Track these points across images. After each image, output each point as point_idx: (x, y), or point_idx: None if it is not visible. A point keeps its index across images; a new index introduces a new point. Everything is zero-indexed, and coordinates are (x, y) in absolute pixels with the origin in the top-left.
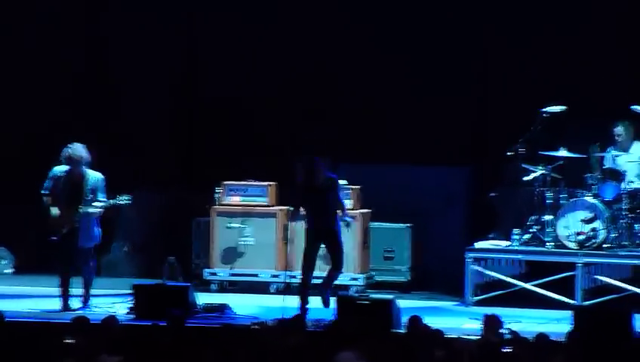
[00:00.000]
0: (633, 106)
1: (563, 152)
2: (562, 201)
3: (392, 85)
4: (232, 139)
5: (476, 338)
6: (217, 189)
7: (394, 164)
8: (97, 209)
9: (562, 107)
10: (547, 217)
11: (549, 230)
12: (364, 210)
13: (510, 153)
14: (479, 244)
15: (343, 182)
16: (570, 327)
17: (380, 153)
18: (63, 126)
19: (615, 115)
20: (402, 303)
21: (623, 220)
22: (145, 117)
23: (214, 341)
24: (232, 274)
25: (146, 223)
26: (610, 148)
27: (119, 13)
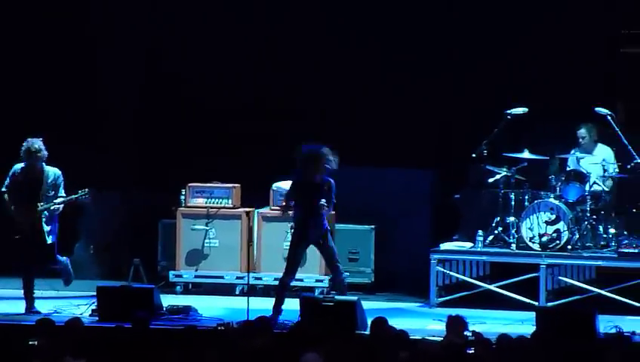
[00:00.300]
0: (597, 108)
1: (526, 154)
2: (526, 203)
3: (357, 87)
4: (198, 140)
5: (440, 339)
6: (182, 191)
7: (358, 165)
8: (58, 205)
9: (525, 109)
10: (511, 219)
11: (513, 231)
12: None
13: (474, 155)
14: (444, 246)
15: None
16: (534, 328)
17: (345, 155)
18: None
19: (579, 116)
20: (367, 304)
21: (586, 222)
22: (110, 117)
23: (179, 343)
24: (197, 276)
25: (111, 225)
26: (574, 149)
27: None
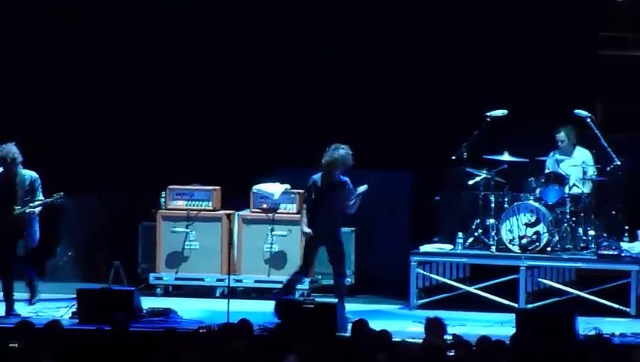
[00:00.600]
0: (576, 110)
1: (506, 156)
2: (506, 205)
3: (335, 89)
4: (178, 142)
5: (420, 341)
6: (163, 193)
7: None
8: (35, 209)
9: (505, 111)
10: (491, 221)
11: (493, 233)
12: None
13: (454, 157)
14: (424, 248)
15: (286, 186)
16: (514, 330)
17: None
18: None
19: (558, 118)
20: (347, 307)
21: (566, 224)
22: (90, 119)
23: (159, 345)
24: (177, 279)
25: (92, 227)
26: (553, 152)
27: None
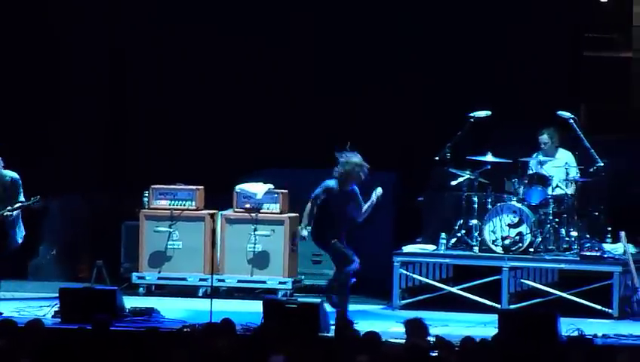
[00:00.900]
0: (560, 112)
1: (490, 157)
2: (489, 206)
3: (318, 88)
4: (161, 142)
5: (403, 341)
6: (145, 193)
7: (321, 168)
8: (10, 212)
9: (489, 112)
10: (474, 221)
11: (476, 234)
12: (292, 214)
13: (437, 158)
14: (407, 248)
15: (270, 186)
16: (497, 331)
17: (308, 157)
18: None
19: (542, 119)
20: (330, 307)
21: (548, 225)
22: (73, 119)
23: (141, 345)
24: (160, 278)
25: (74, 227)
26: (536, 153)
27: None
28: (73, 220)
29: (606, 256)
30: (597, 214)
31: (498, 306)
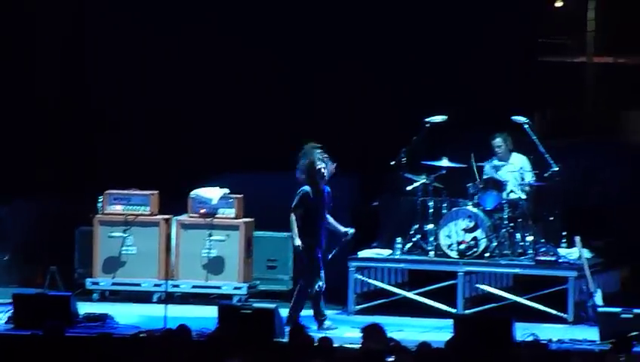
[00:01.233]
0: (514, 116)
1: (445, 162)
2: (444, 210)
3: (274, 93)
4: (116, 147)
5: (358, 346)
6: (100, 198)
7: (276, 172)
8: None
9: (444, 117)
10: (429, 226)
11: (431, 239)
12: (247, 219)
13: (393, 162)
14: (362, 253)
15: (225, 191)
16: (452, 335)
17: (262, 161)
18: None
19: (497, 124)
20: (285, 312)
21: (503, 229)
22: (26, 123)
23: (94, 351)
24: (114, 284)
25: (28, 232)
26: (491, 158)
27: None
28: (26, 225)
29: (561, 260)
30: (552, 219)
31: (453, 311)
